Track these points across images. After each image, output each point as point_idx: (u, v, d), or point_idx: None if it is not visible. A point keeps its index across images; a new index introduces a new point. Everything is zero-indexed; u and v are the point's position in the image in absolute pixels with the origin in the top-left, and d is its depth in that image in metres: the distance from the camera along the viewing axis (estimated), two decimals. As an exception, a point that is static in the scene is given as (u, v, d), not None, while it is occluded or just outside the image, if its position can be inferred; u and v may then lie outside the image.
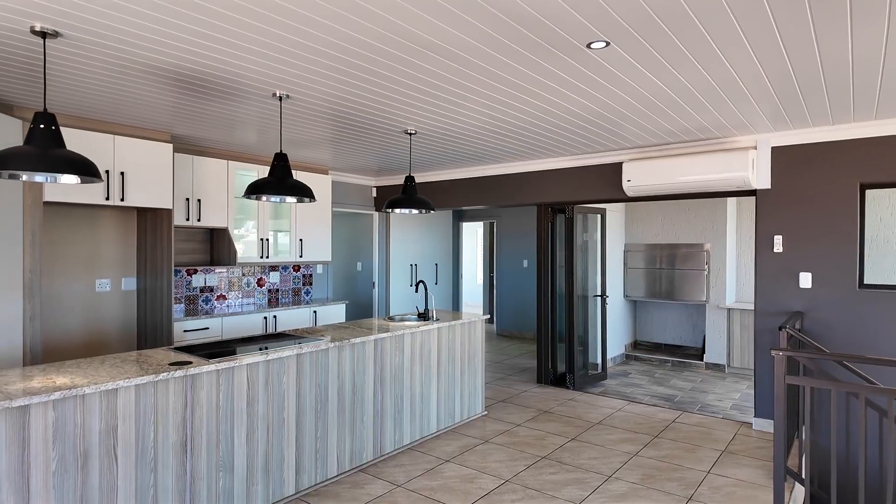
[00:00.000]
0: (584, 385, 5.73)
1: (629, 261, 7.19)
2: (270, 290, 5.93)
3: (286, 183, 3.13)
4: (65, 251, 4.31)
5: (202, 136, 4.47)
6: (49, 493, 2.18)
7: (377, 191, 7.24)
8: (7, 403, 2.04)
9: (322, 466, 3.29)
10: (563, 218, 5.78)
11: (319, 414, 3.27)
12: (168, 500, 2.55)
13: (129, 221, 4.70)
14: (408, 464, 3.63)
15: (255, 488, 2.92)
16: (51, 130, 2.25)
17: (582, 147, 4.84)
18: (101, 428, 2.33)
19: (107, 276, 4.57)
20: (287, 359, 3.09)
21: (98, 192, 3.94)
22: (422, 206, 4.09)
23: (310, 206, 5.94)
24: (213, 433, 2.73)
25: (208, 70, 2.81)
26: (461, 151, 5.09)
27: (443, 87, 3.10)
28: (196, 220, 4.88)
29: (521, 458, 3.72)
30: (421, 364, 4.05)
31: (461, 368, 4.46)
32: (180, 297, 5.11)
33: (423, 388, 4.06)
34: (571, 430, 4.32)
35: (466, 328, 4.52)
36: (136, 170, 4.16)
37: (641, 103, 3.42)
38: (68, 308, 4.33)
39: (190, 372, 2.60)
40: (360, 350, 3.55)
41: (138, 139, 4.17)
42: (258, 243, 5.43)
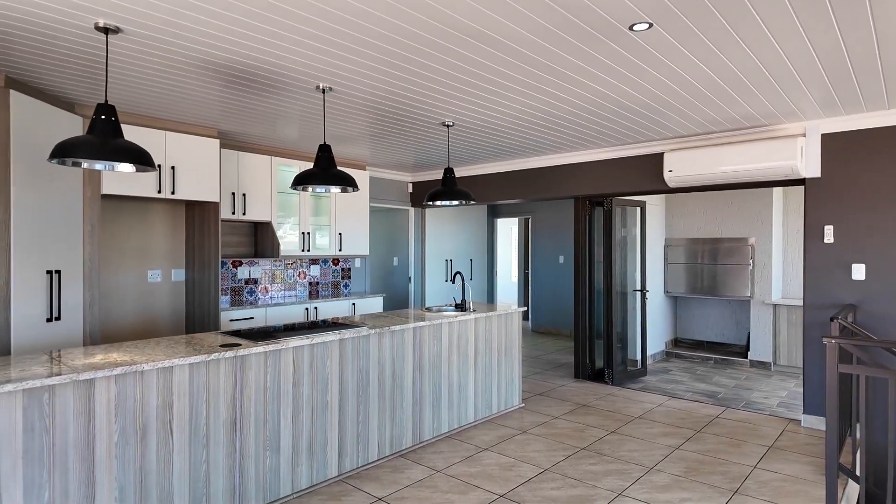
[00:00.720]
0: (624, 380, 5.65)
1: (670, 256, 7.04)
2: (311, 282, 6.07)
3: (330, 173, 3.21)
4: (119, 243, 4.52)
5: (247, 131, 4.62)
6: (112, 463, 2.31)
7: (413, 186, 7.32)
8: (75, 376, 2.17)
9: (364, 450, 3.36)
10: (601, 211, 5.71)
11: (361, 398, 3.34)
12: (219, 476, 2.66)
13: (179, 215, 4.90)
14: (446, 451, 3.66)
15: (299, 469, 3.00)
16: (111, 121, 2.38)
17: (622, 138, 4.78)
18: (158, 403, 2.45)
19: (158, 267, 4.77)
20: (330, 343, 3.17)
21: (151, 185, 4.13)
22: (462, 197, 4.12)
23: (348, 202, 6.05)
24: (261, 413, 2.83)
25: (255, 63, 2.91)
26: (498, 144, 5.10)
27: (483, 77, 3.12)
28: (241, 214, 5.05)
29: (560, 449, 3.70)
30: (458, 353, 4.08)
31: (498, 359, 4.47)
32: (226, 289, 5.29)
33: (460, 377, 4.09)
34: (611, 423, 4.27)
35: (503, 319, 4.53)
36: (186, 164, 4.33)
37: (685, 90, 3.35)
38: (122, 297, 4.54)
39: (239, 353, 2.70)
40: (400, 337, 3.60)
41: (188, 135, 4.34)
42: (300, 237, 5.57)
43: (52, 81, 3.26)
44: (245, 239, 5.47)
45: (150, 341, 2.92)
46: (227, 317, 4.78)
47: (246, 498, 2.76)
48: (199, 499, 2.58)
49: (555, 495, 3.01)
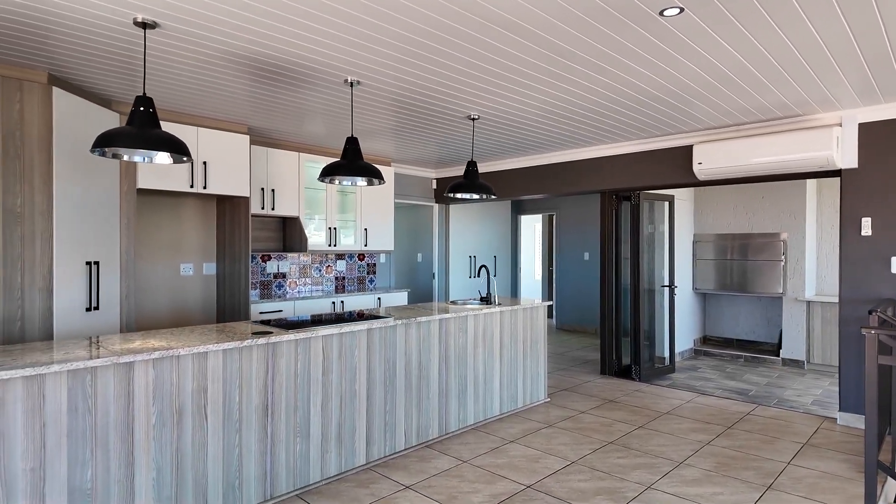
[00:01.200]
0: (651, 377, 5.58)
1: (698, 252, 6.92)
2: (337, 277, 6.15)
3: (357, 164, 3.25)
4: (154, 237, 4.65)
5: (276, 127, 4.71)
6: (149, 445, 2.38)
7: (437, 183, 7.34)
8: (115, 359, 2.24)
9: (391, 439, 3.39)
10: (628, 205, 5.65)
11: (388, 388, 3.38)
12: (251, 460, 2.72)
13: (210, 210, 5.02)
14: (472, 442, 3.67)
15: (328, 455, 3.05)
16: (149, 113, 2.46)
17: (650, 130, 4.72)
18: (194, 388, 2.52)
19: (190, 260, 4.89)
20: (358, 333, 3.21)
21: (183, 179, 4.23)
22: (483, 190, 4.13)
23: (373, 198, 6.11)
24: (292, 400, 2.88)
25: (285, 57, 2.96)
26: (523, 138, 5.08)
27: (510, 67, 3.12)
28: (270, 209, 5.14)
29: (587, 443, 3.68)
30: (484, 346, 4.08)
31: (523, 353, 4.46)
32: (255, 283, 5.39)
33: (486, 370, 4.09)
34: (638, 418, 4.22)
35: (529, 313, 4.52)
36: (217, 159, 4.43)
37: (715, 78, 3.30)
38: (156, 289, 4.67)
39: (271, 340, 2.76)
40: (426, 329, 3.63)
41: (219, 131, 4.44)
42: (326, 232, 5.64)
43: (92, 79, 3.37)
44: (274, 234, 5.56)
45: (185, 329, 3.00)
46: (257, 309, 4.87)
47: (277, 483, 2.82)
48: (233, 482, 2.65)
49: (583, 487, 2.99)
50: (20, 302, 3.15)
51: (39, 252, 3.23)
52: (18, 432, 2.04)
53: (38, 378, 2.08)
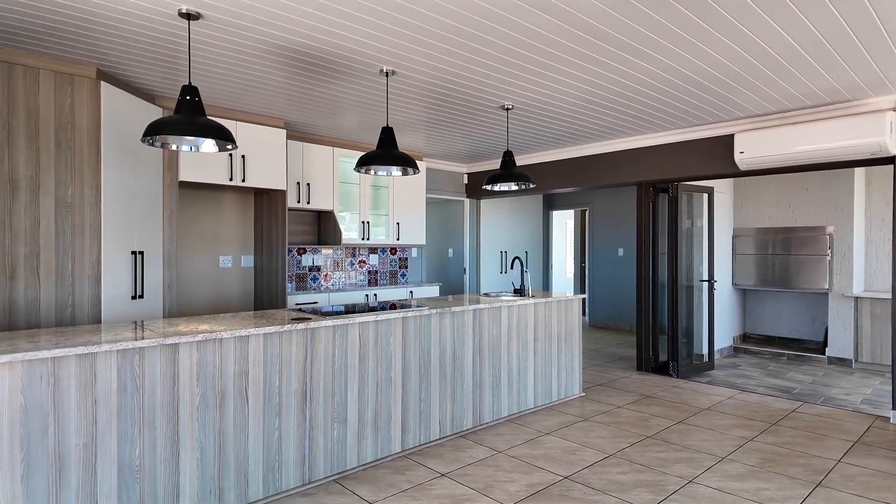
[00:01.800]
0: (689, 374, 5.44)
1: (738, 246, 6.72)
2: (370, 271, 6.20)
3: (393, 154, 3.27)
4: (194, 229, 4.77)
5: (311, 121, 4.77)
6: (193, 425, 2.44)
7: (468, 177, 7.33)
8: (161, 340, 2.31)
9: (426, 428, 3.39)
10: (666, 198, 5.52)
11: (423, 377, 3.38)
12: (290, 443, 2.76)
13: (248, 203, 5.12)
14: (507, 433, 3.64)
15: (365, 442, 3.07)
16: (195, 102, 2.52)
17: (689, 118, 4.60)
18: (235, 371, 2.57)
19: (228, 253, 5.00)
20: (394, 321, 3.22)
21: (223, 172, 4.33)
22: (522, 179, 4.09)
23: (405, 192, 6.13)
24: (329, 385, 2.92)
25: (322, 46, 3.00)
26: (557, 129, 5.03)
27: (547, 53, 3.08)
28: (306, 203, 5.22)
29: (625, 436, 3.61)
30: (518, 338, 4.05)
31: (558, 346, 4.40)
32: (291, 275, 5.48)
33: (520, 362, 4.05)
34: (677, 413, 4.12)
35: (563, 306, 4.46)
36: (255, 153, 4.52)
37: (761, 60, 3.19)
38: (196, 280, 4.79)
39: (310, 326, 2.79)
40: (460, 319, 3.62)
41: (257, 125, 4.53)
42: (360, 225, 5.69)
43: (137, 73, 3.48)
44: (309, 228, 5.64)
45: (226, 315, 3.06)
46: (293, 301, 4.95)
47: (315, 467, 2.85)
48: (272, 465, 2.69)
49: (622, 479, 2.93)
50: (71, 289, 3.27)
51: (88, 241, 3.35)
52: (72, 408, 2.12)
53: (90, 356, 2.16)
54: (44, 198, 3.17)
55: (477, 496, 2.73)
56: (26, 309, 3.11)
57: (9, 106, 3.04)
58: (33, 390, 2.03)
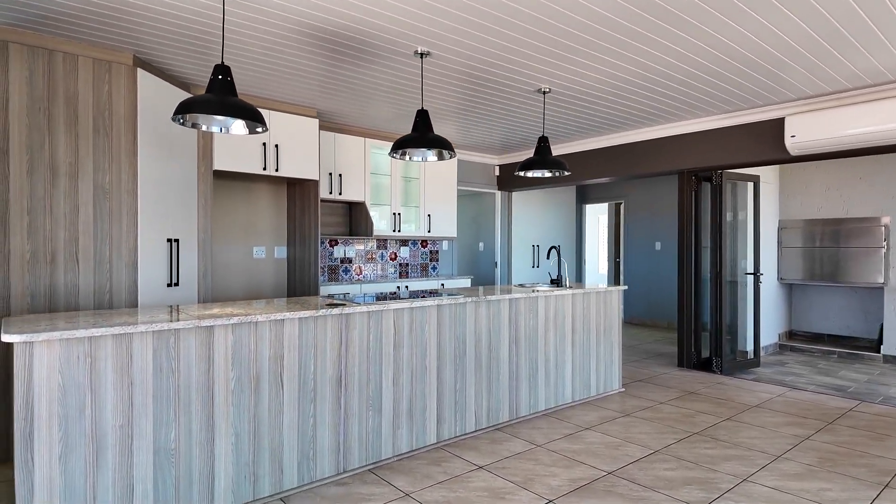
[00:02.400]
0: (734, 370, 5.20)
1: (784, 239, 6.42)
2: (401, 263, 6.14)
3: (428, 137, 3.18)
4: (229, 219, 4.79)
5: (343, 111, 4.72)
6: (228, 409, 2.39)
7: (500, 169, 7.20)
8: (197, 322, 2.27)
9: (461, 419, 3.29)
10: (709, 187, 5.29)
11: (458, 367, 3.28)
12: (325, 431, 2.69)
13: (280, 194, 5.11)
14: (545, 427, 3.52)
15: (400, 431, 2.99)
16: (227, 81, 2.47)
17: (736, 102, 4.38)
18: (270, 355, 2.52)
19: (262, 244, 5.00)
20: (429, 308, 3.13)
21: (256, 162, 4.32)
22: (556, 167, 3.95)
23: (436, 184, 6.05)
24: (364, 372, 2.85)
25: (355, 26, 2.93)
26: (596, 114, 4.86)
27: (588, 28, 2.95)
28: (338, 194, 5.18)
29: (670, 433, 3.44)
30: (555, 330, 3.91)
31: (597, 339, 4.25)
32: (323, 267, 5.46)
33: (557, 354, 3.92)
34: (724, 410, 3.92)
35: (602, 298, 4.30)
36: (288, 143, 4.50)
37: (822, 33, 2.98)
38: (231, 270, 4.80)
39: (345, 311, 2.73)
40: (496, 308, 3.51)
41: (289, 114, 4.50)
42: (391, 217, 5.63)
43: (172, 61, 3.48)
44: (341, 219, 5.61)
45: (260, 301, 3.03)
46: (325, 291, 4.92)
47: (350, 456, 2.78)
48: (307, 453, 2.63)
49: (670, 476, 2.78)
50: (108, 275, 3.28)
51: (126, 228, 3.36)
52: (109, 389, 2.09)
53: (126, 337, 2.13)
54: (82, 184, 3.19)
55: (517, 490, 2.62)
56: (66, 294, 3.14)
57: (49, 92, 3.07)
58: (71, 370, 2.01)
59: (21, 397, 1.92)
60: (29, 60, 3.00)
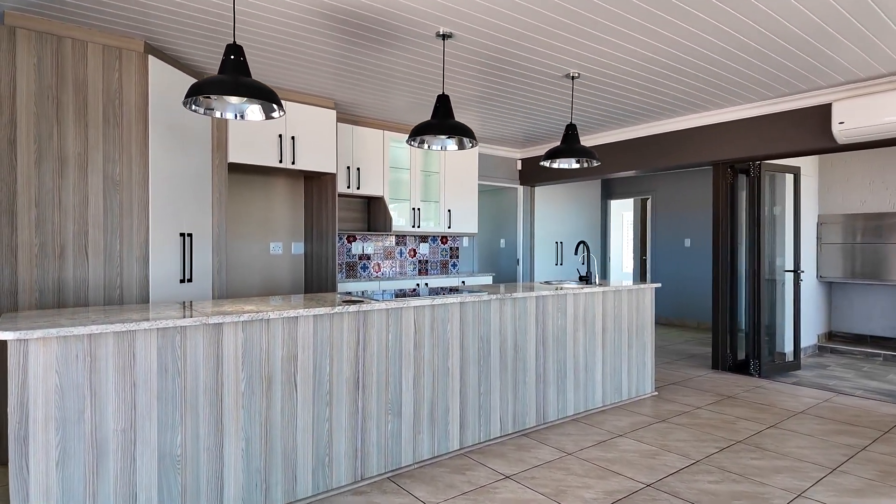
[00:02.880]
0: (772, 373, 4.91)
1: (823, 234, 6.08)
2: (420, 260, 5.96)
3: (448, 123, 2.99)
4: (245, 214, 4.66)
5: (361, 101, 4.56)
6: (238, 412, 2.24)
7: (522, 164, 6.98)
8: (204, 319, 2.11)
9: (485, 425, 3.10)
10: (745, 179, 5.01)
11: (482, 368, 3.09)
12: (341, 436, 2.53)
13: (298, 189, 4.97)
14: (575, 433, 3.30)
15: (421, 437, 2.81)
16: (240, 61, 2.32)
17: (776, 88, 4.10)
18: (283, 355, 2.36)
19: (279, 239, 4.87)
20: (451, 306, 2.94)
21: (272, 154, 4.18)
22: (584, 155, 3.72)
23: (457, 178, 5.85)
24: (383, 373, 2.67)
25: (373, 4, 2.75)
26: (627, 101, 4.62)
27: (624, 3, 2.72)
28: (356, 188, 5.02)
29: (710, 441, 3.20)
30: (584, 329, 3.69)
31: (628, 340, 4.01)
32: (341, 264, 5.31)
33: (587, 355, 3.70)
34: (766, 416, 3.66)
35: (634, 296, 4.06)
36: (305, 135, 4.35)
37: (879, 2, 2.71)
38: (246, 266, 4.68)
39: (362, 308, 2.55)
40: (522, 306, 3.30)
41: (306, 105, 4.36)
42: (410, 213, 5.46)
43: (184, 48, 3.34)
44: (359, 215, 5.46)
45: (275, 298, 2.87)
46: (343, 288, 4.76)
47: (368, 463, 2.61)
48: (322, 458, 2.46)
49: (715, 489, 2.55)
50: (119, 269, 3.16)
51: (137, 221, 3.24)
52: (110, 391, 1.95)
53: (128, 335, 1.98)
54: (92, 175, 3.08)
55: (547, 502, 2.42)
56: (75, 288, 3.02)
57: (58, 80, 2.95)
58: (69, 369, 1.87)
59: (15, 399, 1.79)
60: (37, 47, 2.89)
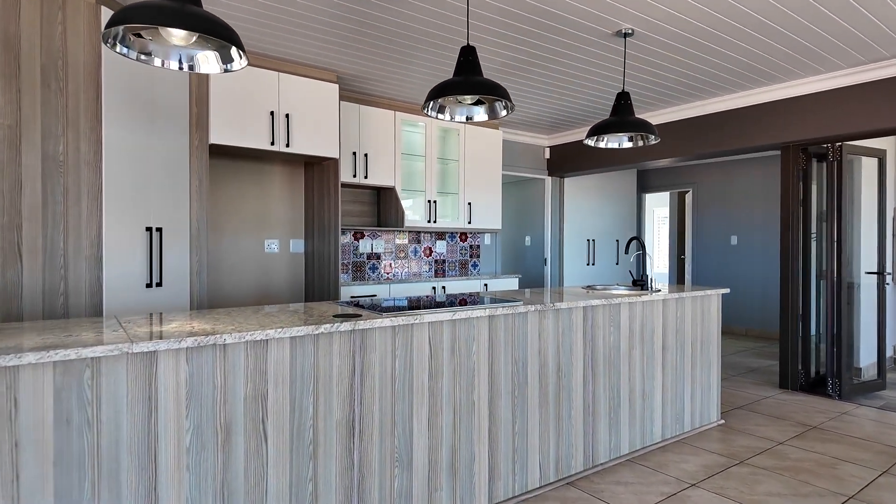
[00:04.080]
0: (853, 395, 4.14)
1: (903, 231, 5.25)
2: (437, 260, 5.29)
3: (475, 81, 2.29)
4: (235, 207, 4.03)
5: (368, 72, 3.90)
6: (181, 475, 1.59)
7: (550, 152, 6.26)
8: (127, 347, 1.46)
9: (521, 473, 2.41)
10: (818, 164, 4.23)
11: (517, 400, 2.40)
12: (331, 499, 1.86)
13: (297, 178, 4.33)
14: (633, 481, 2.60)
15: (438, 494, 2.13)
16: (190, -11, 1.66)
17: (874, 49, 3.34)
18: (248, 393, 1.70)
19: (275, 236, 4.23)
20: (478, 321, 2.26)
21: (263, 135, 3.54)
22: (642, 129, 3.00)
23: (478, 167, 5.17)
24: (388, 413, 2.00)
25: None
26: (683, 69, 3.89)
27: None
28: (363, 178, 4.37)
29: (814, 496, 2.47)
30: (642, 347, 2.98)
31: (692, 359, 3.29)
32: (347, 264, 4.66)
33: (644, 379, 2.99)
34: (872, 457, 2.91)
35: (699, 304, 3.34)
36: (302, 112, 3.71)
37: None
38: (237, 267, 4.05)
39: (359, 326, 1.88)
40: (567, 319, 2.61)
41: (303, 77, 3.71)
42: (425, 206, 4.79)
43: (148, -3, 2.72)
44: (367, 209, 4.80)
45: (248, 309, 2.22)
46: (348, 292, 4.11)
47: (366, 533, 1.95)
48: (304, 532, 1.81)
49: (849, 583, 1.83)
50: (63, 271, 2.54)
51: (86, 212, 2.62)
52: (-23, 455, 1.31)
53: (7, 373, 1.34)
54: (27, 154, 2.46)
55: None
56: (5, 296, 2.41)
57: (-20, 33, 2.34)
58: None
59: None
60: (-46, -9, 2.28)
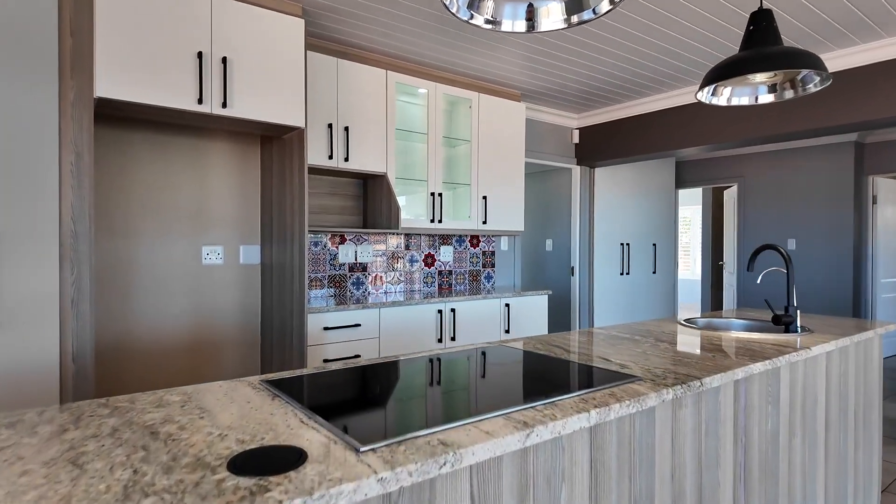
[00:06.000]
0: None
1: None
2: (441, 271, 4.08)
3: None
4: (155, 199, 2.80)
5: (348, 7, 2.69)
6: None
7: (580, 135, 5.08)
8: None
9: None
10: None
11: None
12: None
13: (250, 158, 3.10)
14: None
15: None
16: None
17: None
18: None
19: (218, 241, 3.00)
20: (569, 438, 1.05)
21: (185, 90, 2.31)
22: (808, 65, 1.78)
23: (495, 150, 3.97)
24: None
25: None
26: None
27: None
28: (343, 160, 3.15)
29: None
30: (803, 432, 1.79)
31: (854, 435, 2.11)
32: (322, 277, 3.44)
33: (804, 483, 1.80)
34: None
35: (861, 351, 2.16)
36: (248, 57, 2.48)
37: None
38: (159, 286, 2.81)
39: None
40: (712, 404, 1.41)
41: (250, 5, 2.49)
42: (427, 200, 3.58)
43: None
44: (350, 204, 3.58)
45: (193, 386, 0.99)
46: (321, 322, 2.86)
47: None
48: None
49: None
50: None
51: None
52: None
53: None
54: None
55: None
56: None
57: None
58: None
59: None
60: None
